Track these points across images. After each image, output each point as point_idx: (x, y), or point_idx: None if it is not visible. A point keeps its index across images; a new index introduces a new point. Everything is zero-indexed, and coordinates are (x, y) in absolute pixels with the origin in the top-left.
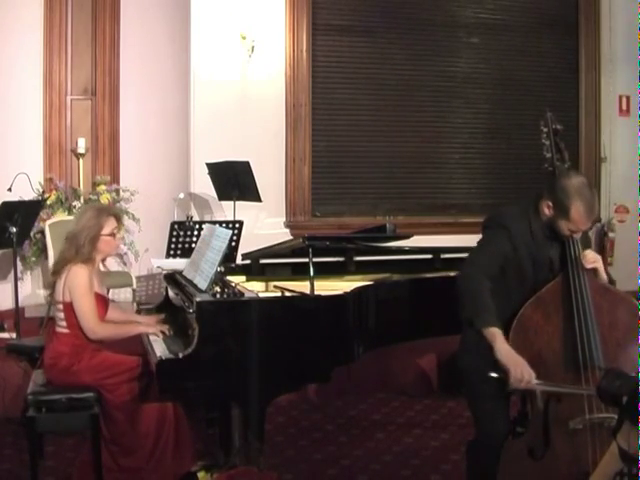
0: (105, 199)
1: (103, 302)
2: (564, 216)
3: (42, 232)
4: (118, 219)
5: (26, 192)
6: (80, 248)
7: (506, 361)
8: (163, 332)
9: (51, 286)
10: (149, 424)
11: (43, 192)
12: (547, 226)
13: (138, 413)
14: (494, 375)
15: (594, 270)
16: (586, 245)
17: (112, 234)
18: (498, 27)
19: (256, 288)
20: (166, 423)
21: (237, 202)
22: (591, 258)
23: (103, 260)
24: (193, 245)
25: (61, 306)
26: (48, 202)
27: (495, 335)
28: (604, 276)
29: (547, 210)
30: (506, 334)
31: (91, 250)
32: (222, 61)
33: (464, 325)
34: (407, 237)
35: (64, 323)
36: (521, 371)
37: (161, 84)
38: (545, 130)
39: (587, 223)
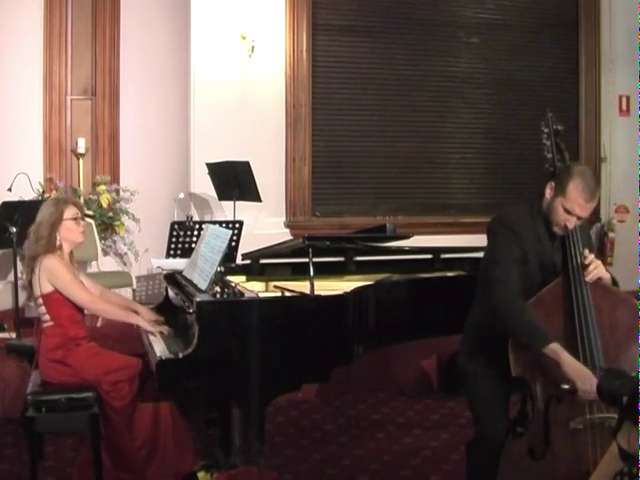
0: (105, 199)
1: None
2: (561, 192)
3: None
4: (79, 207)
5: (26, 192)
6: (42, 238)
7: (574, 375)
8: (161, 332)
9: (28, 285)
10: (144, 425)
11: (43, 192)
12: (548, 222)
13: (133, 416)
14: (566, 387)
15: (599, 279)
16: (587, 246)
17: (74, 219)
18: (498, 27)
19: (256, 288)
20: (161, 424)
21: (237, 202)
22: (593, 276)
23: (70, 255)
24: (193, 245)
25: (40, 300)
26: None
27: (557, 351)
28: (607, 276)
29: (549, 191)
30: (507, 335)
31: (53, 236)
32: (222, 61)
33: (465, 326)
34: (407, 237)
35: (47, 317)
36: (590, 384)
37: (161, 84)
38: (546, 131)
39: (582, 204)
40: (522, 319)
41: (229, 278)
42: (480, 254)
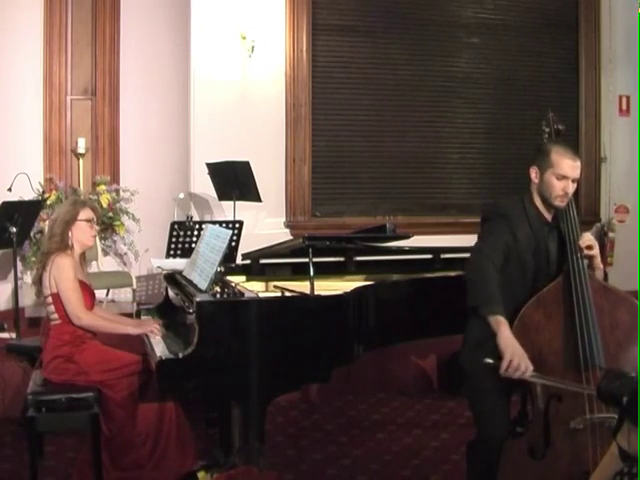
0: (105, 199)
1: (88, 290)
2: (548, 165)
3: (42, 232)
4: (95, 212)
5: (26, 192)
6: (55, 235)
7: (505, 348)
8: (153, 332)
9: (38, 281)
10: (148, 423)
11: (43, 192)
12: (546, 202)
13: (136, 411)
14: (489, 361)
15: (590, 258)
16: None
17: (89, 221)
18: (498, 27)
19: (256, 288)
20: (165, 422)
21: (237, 202)
22: (588, 240)
23: (81, 255)
24: (193, 245)
25: (50, 299)
26: (48, 202)
27: (500, 323)
28: (600, 266)
29: (534, 175)
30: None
31: (66, 235)
32: (222, 61)
33: (467, 324)
34: (407, 237)
35: (55, 315)
36: (517, 361)
37: (161, 84)
38: (547, 130)
39: (571, 163)
40: (487, 283)
41: (229, 278)
42: None
